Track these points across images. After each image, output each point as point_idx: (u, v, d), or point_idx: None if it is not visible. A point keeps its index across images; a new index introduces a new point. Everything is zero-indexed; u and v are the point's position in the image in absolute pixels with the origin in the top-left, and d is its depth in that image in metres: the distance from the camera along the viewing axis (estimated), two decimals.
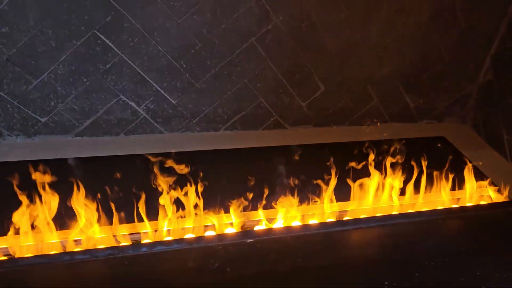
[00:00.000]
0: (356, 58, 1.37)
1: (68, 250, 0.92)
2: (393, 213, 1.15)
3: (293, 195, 1.12)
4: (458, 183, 1.24)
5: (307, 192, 1.15)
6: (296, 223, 1.08)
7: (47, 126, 1.21)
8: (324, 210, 1.11)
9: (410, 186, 1.19)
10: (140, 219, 0.99)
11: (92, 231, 0.94)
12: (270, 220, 1.09)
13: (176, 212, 1.01)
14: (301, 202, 1.12)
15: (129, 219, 0.99)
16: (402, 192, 1.19)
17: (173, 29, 1.15)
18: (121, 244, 0.95)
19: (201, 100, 1.30)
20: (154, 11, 1.11)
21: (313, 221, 1.09)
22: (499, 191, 1.25)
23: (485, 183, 1.27)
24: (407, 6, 1.31)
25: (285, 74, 1.33)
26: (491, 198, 1.25)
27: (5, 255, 0.91)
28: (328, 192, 1.13)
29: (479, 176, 1.27)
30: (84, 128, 1.25)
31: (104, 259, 0.91)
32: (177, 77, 1.24)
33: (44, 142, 1.23)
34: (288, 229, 1.05)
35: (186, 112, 1.31)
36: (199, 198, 1.03)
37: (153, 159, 1.05)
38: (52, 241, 0.93)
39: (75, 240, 0.94)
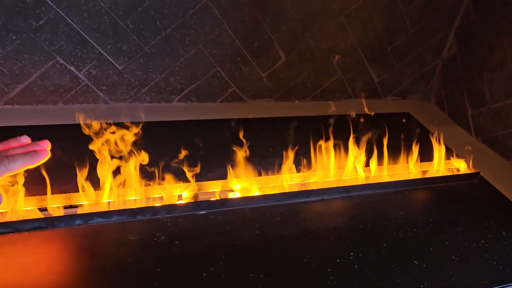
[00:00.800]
0: (318, 26, 1.29)
1: None
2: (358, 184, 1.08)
3: (249, 167, 1.03)
4: (424, 157, 1.19)
5: (265, 165, 1.06)
6: (254, 194, 0.98)
7: None
8: (284, 181, 1.02)
9: (374, 159, 1.12)
10: (76, 190, 0.86)
11: (19, 202, 0.81)
12: (225, 192, 0.98)
13: (119, 184, 0.89)
14: (259, 174, 1.03)
15: (64, 190, 0.87)
16: (367, 165, 1.12)
17: None
18: (50, 216, 0.82)
19: (151, 67, 1.18)
20: None
21: (272, 192, 0.99)
22: (466, 163, 1.20)
23: (452, 156, 1.22)
24: None
25: (243, 40, 1.23)
26: (458, 170, 1.20)
27: None
28: (288, 163, 1.04)
29: (446, 150, 1.22)
30: (15, 95, 1.10)
31: (28, 233, 0.78)
32: (123, 39, 1.11)
33: None
34: (244, 200, 0.95)
35: (134, 80, 1.19)
36: (146, 170, 0.92)
37: (96, 127, 0.92)
38: None
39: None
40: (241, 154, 1.04)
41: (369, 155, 1.12)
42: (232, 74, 1.28)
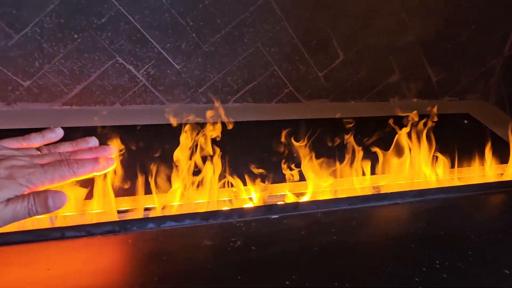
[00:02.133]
0: (378, 22, 1.24)
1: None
2: (431, 187, 1.01)
3: (314, 169, 0.98)
4: (495, 159, 1.12)
5: (330, 167, 1.01)
6: (324, 198, 0.93)
7: (30, 91, 1.04)
8: (354, 184, 0.96)
9: (443, 162, 1.06)
10: (146, 193, 0.83)
11: (91, 206, 0.78)
12: (296, 195, 0.94)
13: (187, 187, 0.86)
14: (326, 176, 0.98)
15: (132, 193, 0.83)
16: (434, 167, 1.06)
17: None
18: (122, 219, 0.78)
19: (208, 66, 1.15)
20: None
21: (344, 195, 0.94)
22: None
23: None
24: None
25: (302, 38, 1.19)
26: None
27: None
28: (356, 165, 0.99)
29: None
30: (73, 96, 1.08)
31: (102, 236, 0.74)
32: (182, 37, 1.08)
33: (26, 111, 1.06)
34: (317, 204, 0.90)
35: (192, 80, 1.16)
36: (213, 172, 0.88)
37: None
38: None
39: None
40: (304, 156, 0.99)
41: (436, 157, 1.06)
42: (289, 73, 1.24)
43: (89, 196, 0.81)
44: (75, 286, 0.65)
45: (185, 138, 0.91)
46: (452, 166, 1.07)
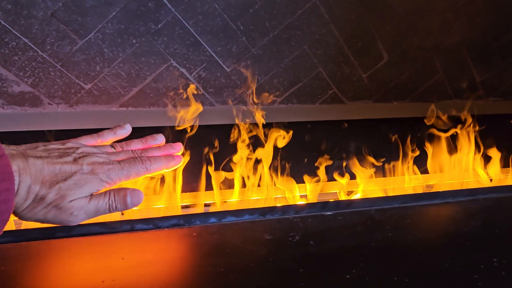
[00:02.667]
0: (424, 23, 1.25)
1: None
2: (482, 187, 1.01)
3: (365, 168, 1.00)
4: None
5: (380, 166, 1.02)
6: (378, 196, 0.95)
7: (90, 94, 1.10)
8: (405, 183, 0.98)
9: (495, 161, 1.05)
10: (204, 189, 0.87)
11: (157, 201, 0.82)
12: (347, 193, 0.96)
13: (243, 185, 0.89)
14: (375, 175, 1.00)
15: (192, 189, 0.87)
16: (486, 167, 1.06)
17: None
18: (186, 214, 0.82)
19: (256, 68, 1.18)
20: None
21: (395, 194, 0.96)
22: None
23: None
24: None
25: (347, 40, 1.21)
26: None
27: None
28: (407, 164, 1.00)
29: None
30: (130, 98, 1.13)
31: (168, 229, 0.78)
32: (233, 41, 1.12)
33: (86, 112, 1.11)
34: (370, 201, 0.92)
35: (240, 82, 1.19)
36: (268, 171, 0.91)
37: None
38: None
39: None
40: (353, 155, 1.01)
41: (487, 157, 1.06)
42: (333, 75, 1.26)
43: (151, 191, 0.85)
44: (147, 274, 0.69)
45: (236, 138, 0.95)
46: (502, 166, 1.06)
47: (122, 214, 0.83)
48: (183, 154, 0.87)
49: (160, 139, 0.78)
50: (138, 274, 0.69)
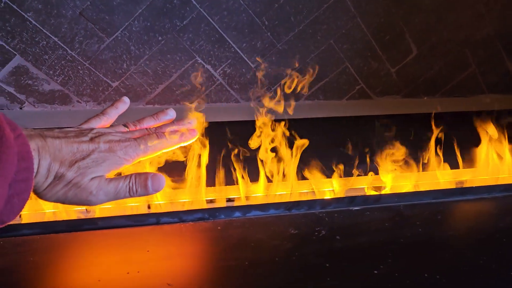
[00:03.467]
0: (454, 15, 1.21)
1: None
2: None
3: (393, 163, 0.97)
4: None
5: (408, 161, 0.99)
6: (407, 191, 0.92)
7: (117, 91, 1.12)
8: (438, 178, 0.94)
9: None
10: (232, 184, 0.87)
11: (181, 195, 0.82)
12: (375, 188, 0.93)
13: (269, 179, 0.88)
14: (405, 170, 0.97)
15: (216, 184, 0.87)
16: None
17: None
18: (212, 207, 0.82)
19: (282, 64, 1.17)
20: None
21: (427, 189, 0.93)
22: None
23: None
24: None
25: (374, 34, 1.19)
26: None
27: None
28: (437, 159, 0.97)
29: None
30: (156, 95, 1.14)
31: (193, 223, 0.78)
32: (258, 37, 1.12)
33: None
34: (399, 196, 0.89)
35: (265, 78, 1.19)
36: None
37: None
38: (134, 204, 0.81)
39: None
40: (382, 150, 0.99)
41: None
42: (360, 70, 1.24)
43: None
44: (172, 267, 0.69)
45: (262, 135, 0.94)
46: None
47: (149, 208, 0.83)
48: (207, 150, 0.87)
49: (172, 113, 0.73)
50: (163, 267, 0.69)
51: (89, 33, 1.02)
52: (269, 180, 0.87)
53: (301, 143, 0.91)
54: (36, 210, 0.81)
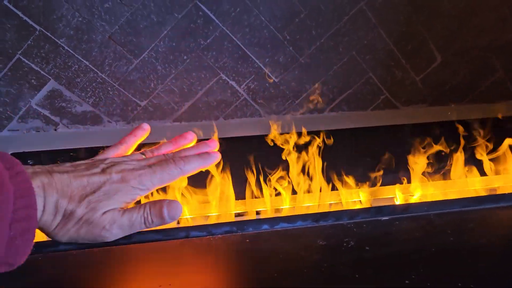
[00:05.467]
0: (477, 20, 1.20)
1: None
2: None
3: (420, 173, 0.96)
4: None
5: (436, 170, 0.98)
6: (437, 199, 0.90)
7: (146, 110, 1.15)
8: (468, 186, 0.93)
9: None
10: (255, 197, 0.88)
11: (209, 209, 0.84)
12: (405, 197, 0.92)
13: (295, 191, 0.89)
14: (434, 179, 0.96)
15: (242, 197, 0.88)
16: None
17: None
18: (239, 220, 0.83)
19: (304, 77, 1.19)
20: None
21: (457, 197, 0.91)
22: None
23: None
24: None
25: (397, 43, 1.19)
26: None
27: None
28: (466, 167, 0.95)
29: None
30: (182, 112, 1.18)
31: (222, 236, 0.80)
32: (280, 51, 1.13)
33: None
34: (428, 205, 0.88)
35: (289, 92, 1.20)
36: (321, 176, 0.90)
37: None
38: None
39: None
40: (414, 159, 0.98)
41: None
42: (384, 79, 1.24)
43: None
44: (202, 279, 0.70)
45: (288, 148, 0.95)
46: None
47: (178, 223, 0.85)
48: (234, 164, 0.88)
49: (190, 137, 0.71)
50: (193, 279, 0.70)
51: (117, 55, 1.07)
52: (294, 192, 0.88)
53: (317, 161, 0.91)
54: None
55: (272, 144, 0.96)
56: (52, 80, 1.07)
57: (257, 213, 0.86)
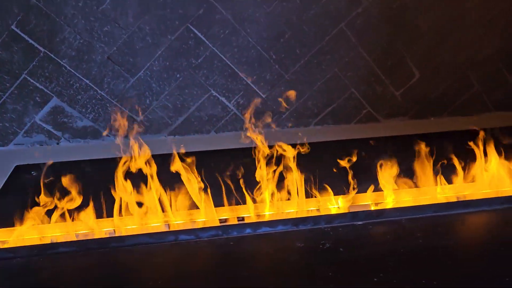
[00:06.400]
0: (453, 39, 1.28)
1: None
2: None
3: (394, 180, 1.03)
4: None
5: (410, 179, 1.05)
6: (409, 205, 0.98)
7: (142, 125, 1.24)
8: (438, 193, 1.00)
9: None
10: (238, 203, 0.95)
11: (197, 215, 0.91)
12: (377, 204, 0.99)
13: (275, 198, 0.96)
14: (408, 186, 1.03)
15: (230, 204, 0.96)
16: None
17: (262, 18, 1.15)
18: (224, 224, 0.90)
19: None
20: (245, 1, 1.12)
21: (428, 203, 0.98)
22: None
23: None
24: None
25: (376, 60, 1.27)
26: None
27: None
28: (434, 175, 1.03)
29: None
30: (176, 126, 1.26)
31: (208, 239, 0.87)
32: (267, 69, 1.22)
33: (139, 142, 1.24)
34: (401, 210, 0.95)
35: (276, 107, 1.28)
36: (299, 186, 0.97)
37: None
38: (156, 224, 0.91)
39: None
40: (385, 168, 1.05)
41: None
42: (366, 94, 1.31)
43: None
44: (190, 279, 0.77)
45: (270, 158, 1.02)
46: None
47: (168, 226, 0.92)
48: (222, 174, 0.96)
49: None
50: (182, 278, 0.77)
51: (115, 74, 1.15)
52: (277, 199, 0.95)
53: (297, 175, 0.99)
54: (69, 232, 0.91)
55: (258, 155, 1.03)
56: (55, 98, 1.16)
57: (240, 218, 0.93)
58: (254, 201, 0.94)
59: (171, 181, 0.97)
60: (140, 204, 0.93)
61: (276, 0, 1.14)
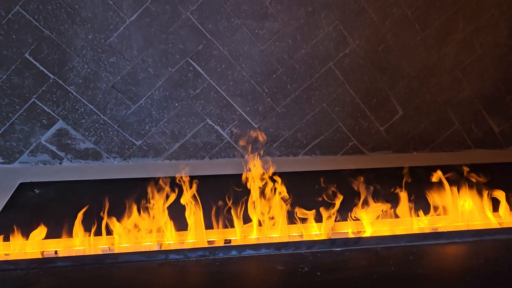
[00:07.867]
0: (434, 80, 1.38)
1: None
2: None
3: (374, 210, 1.10)
4: None
5: (391, 209, 1.12)
6: (385, 235, 1.04)
7: (141, 149, 1.32)
8: (413, 224, 1.07)
9: (504, 206, 1.12)
10: (225, 227, 1.02)
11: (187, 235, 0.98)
12: (356, 233, 1.06)
13: (261, 223, 1.03)
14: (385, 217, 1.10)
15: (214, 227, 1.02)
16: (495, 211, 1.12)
17: (257, 55, 1.25)
18: (212, 246, 0.97)
19: (281, 124, 1.35)
20: (241, 39, 1.22)
21: (403, 233, 1.05)
22: None
23: None
24: (483, 25, 1.32)
25: (362, 97, 1.36)
26: None
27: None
28: (411, 207, 1.10)
29: None
30: (173, 152, 1.34)
31: (196, 259, 0.93)
32: (260, 102, 1.31)
33: (137, 164, 1.32)
34: (376, 239, 1.02)
35: (267, 136, 1.36)
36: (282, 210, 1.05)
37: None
38: (148, 243, 0.98)
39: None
40: (368, 199, 1.12)
41: (496, 202, 1.13)
42: (352, 128, 1.40)
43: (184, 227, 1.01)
44: None
45: (261, 184, 1.10)
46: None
47: (160, 246, 0.99)
48: (212, 198, 1.03)
49: None
50: None
51: (118, 101, 1.24)
52: (261, 224, 1.02)
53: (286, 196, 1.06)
54: (69, 247, 0.97)
55: (248, 182, 1.11)
56: (60, 121, 1.24)
57: (227, 241, 1.00)
58: (242, 224, 1.01)
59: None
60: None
61: (269, 39, 1.24)
